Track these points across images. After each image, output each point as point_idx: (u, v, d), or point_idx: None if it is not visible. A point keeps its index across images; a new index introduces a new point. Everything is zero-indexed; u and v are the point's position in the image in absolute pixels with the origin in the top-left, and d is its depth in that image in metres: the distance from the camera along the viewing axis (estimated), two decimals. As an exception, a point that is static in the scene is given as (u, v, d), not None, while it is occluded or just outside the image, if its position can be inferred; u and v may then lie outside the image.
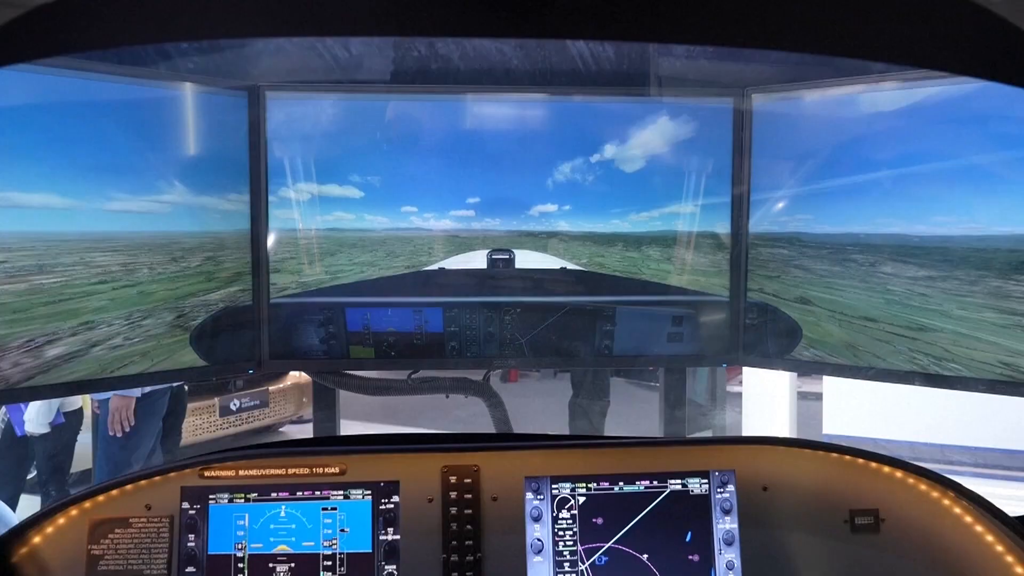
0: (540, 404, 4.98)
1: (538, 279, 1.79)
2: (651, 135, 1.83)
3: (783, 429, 4.73)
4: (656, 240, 1.86)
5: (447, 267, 1.79)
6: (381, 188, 1.77)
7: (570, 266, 1.81)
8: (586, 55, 1.75)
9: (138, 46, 1.57)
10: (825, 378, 5.24)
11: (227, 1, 0.75)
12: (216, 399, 5.19)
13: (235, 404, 5.33)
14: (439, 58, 1.74)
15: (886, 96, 1.68)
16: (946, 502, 1.27)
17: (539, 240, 1.80)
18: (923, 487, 1.28)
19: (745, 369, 5.05)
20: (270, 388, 5.55)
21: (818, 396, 5.82)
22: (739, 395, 5.60)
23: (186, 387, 3.62)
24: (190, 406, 4.47)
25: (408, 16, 0.87)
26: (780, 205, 1.82)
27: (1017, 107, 1.48)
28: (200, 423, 5.15)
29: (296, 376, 5.66)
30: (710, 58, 1.81)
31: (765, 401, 5.44)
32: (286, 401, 5.71)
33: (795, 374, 5.21)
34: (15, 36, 0.66)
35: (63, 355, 1.60)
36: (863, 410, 5.18)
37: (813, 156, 1.76)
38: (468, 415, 2.49)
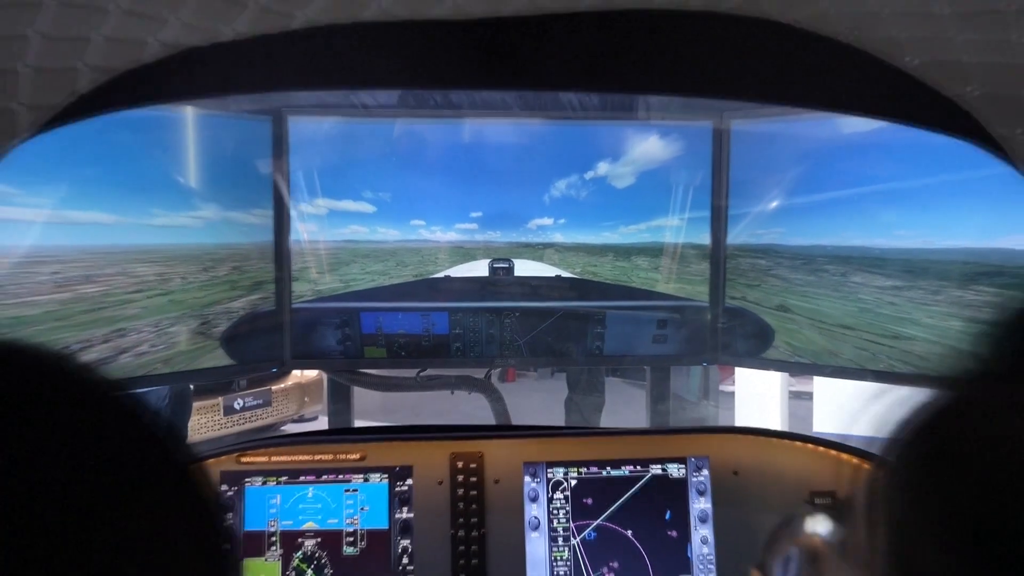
0: (538, 402, 5.15)
1: (535, 286, 1.96)
2: (639, 155, 2.00)
3: (775, 428, 4.89)
4: (644, 251, 2.03)
5: (452, 275, 1.96)
6: (392, 203, 1.94)
7: (564, 274, 1.98)
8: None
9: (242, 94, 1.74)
10: (815, 378, 5.41)
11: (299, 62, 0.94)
12: (220, 398, 5.31)
13: (239, 403, 5.46)
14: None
15: (849, 122, 1.85)
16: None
17: (536, 251, 1.97)
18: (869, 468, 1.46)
19: (738, 369, 5.21)
20: (273, 388, 5.67)
21: (810, 395, 5.99)
22: (732, 394, 5.77)
23: (191, 387, 3.71)
24: (195, 404, 4.60)
25: (429, 75, 1.06)
26: (756, 219, 2.00)
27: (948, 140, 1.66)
28: (205, 421, 5.28)
29: (298, 376, 5.80)
30: (692, 85, 1.98)
31: (757, 400, 5.61)
32: (288, 400, 5.83)
33: (788, 374, 5.38)
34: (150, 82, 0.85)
35: (93, 361, 1.76)
36: (852, 408, 5.36)
37: (785, 174, 1.94)
38: (469, 409, 2.66)
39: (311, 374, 5.81)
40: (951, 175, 1.72)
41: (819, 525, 0.93)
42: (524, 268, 1.96)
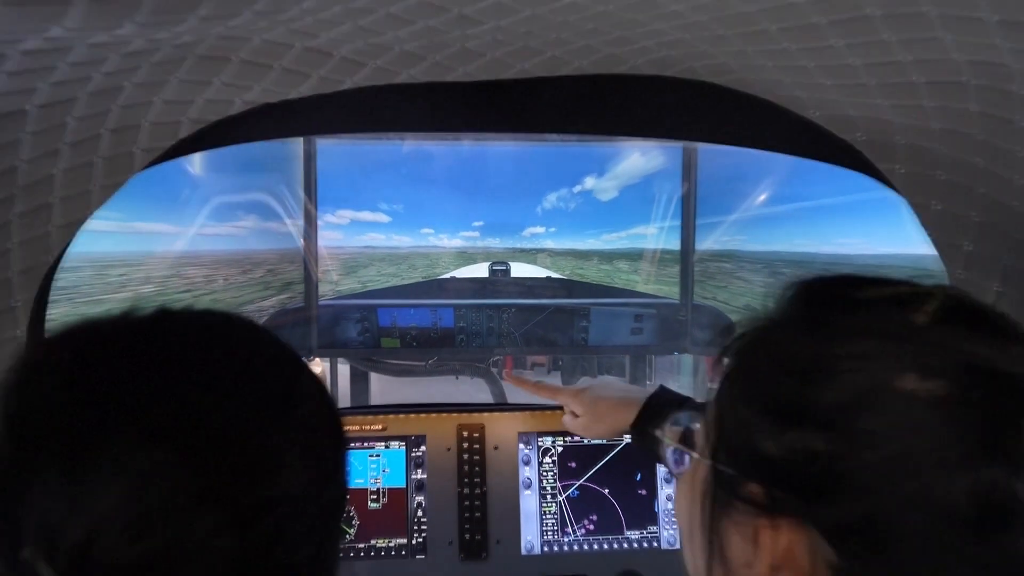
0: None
1: (529, 285, 2.26)
2: (620, 171, 2.30)
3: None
4: (624, 255, 2.32)
5: (457, 276, 2.26)
6: (405, 214, 2.23)
7: (554, 275, 2.28)
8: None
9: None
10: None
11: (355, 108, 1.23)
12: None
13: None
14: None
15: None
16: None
17: (530, 255, 2.26)
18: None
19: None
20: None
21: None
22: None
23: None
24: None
25: (445, 122, 1.37)
26: (720, 228, 2.30)
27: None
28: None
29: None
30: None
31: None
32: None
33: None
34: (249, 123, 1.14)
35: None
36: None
37: (744, 188, 2.24)
38: (472, 392, 2.97)
39: (315, 368, 6.09)
40: (882, 192, 2.02)
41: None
42: (519, 270, 2.26)
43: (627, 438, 1.80)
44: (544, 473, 1.76)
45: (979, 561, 0.48)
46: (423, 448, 1.76)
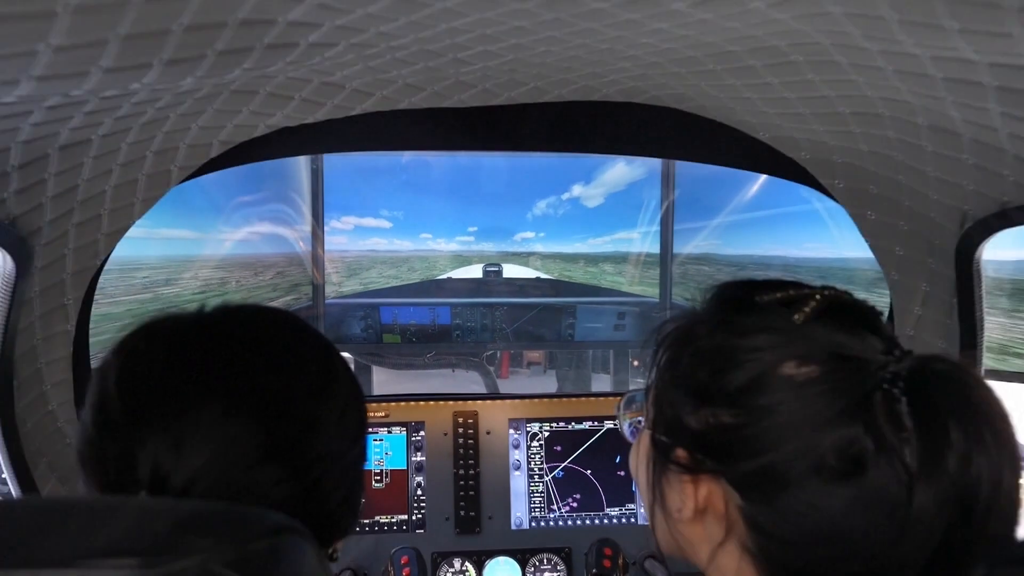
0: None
1: (520, 285, 2.44)
2: (605, 180, 2.48)
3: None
4: (609, 259, 2.51)
5: (453, 277, 2.44)
6: (405, 220, 2.41)
7: (543, 276, 2.47)
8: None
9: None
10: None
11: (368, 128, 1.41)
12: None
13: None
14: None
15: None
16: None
17: (521, 258, 2.45)
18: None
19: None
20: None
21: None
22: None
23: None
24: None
25: (441, 141, 1.56)
26: (697, 233, 2.48)
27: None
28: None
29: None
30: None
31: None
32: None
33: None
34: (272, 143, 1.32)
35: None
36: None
37: (718, 197, 2.42)
38: (466, 383, 3.13)
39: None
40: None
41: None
42: (511, 271, 2.44)
43: (608, 424, 1.98)
44: (532, 456, 1.94)
45: (842, 497, 0.66)
46: (422, 433, 1.93)
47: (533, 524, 1.89)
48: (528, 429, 1.96)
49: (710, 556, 0.74)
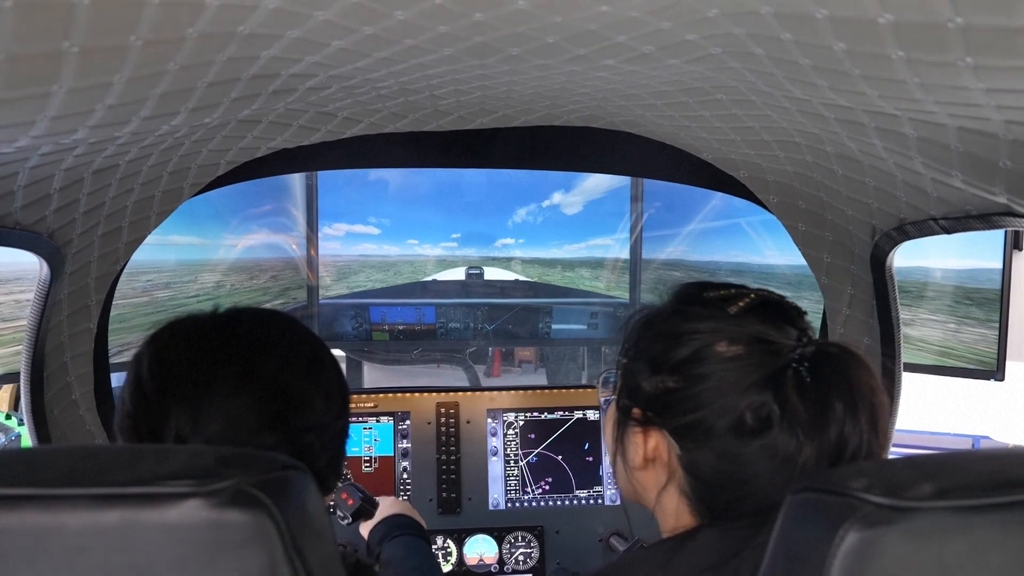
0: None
1: (500, 287, 2.63)
2: (584, 188, 2.67)
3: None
4: (584, 263, 2.70)
5: (438, 279, 2.63)
6: (392, 227, 2.59)
7: (522, 279, 2.66)
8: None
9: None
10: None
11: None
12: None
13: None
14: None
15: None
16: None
17: (501, 262, 2.63)
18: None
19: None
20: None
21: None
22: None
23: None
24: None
25: (424, 160, 1.76)
26: (666, 240, 2.68)
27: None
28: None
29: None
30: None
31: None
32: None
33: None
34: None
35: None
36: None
37: (683, 207, 2.62)
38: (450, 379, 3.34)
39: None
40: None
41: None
42: (492, 274, 2.63)
43: (577, 414, 2.17)
44: (508, 443, 2.13)
45: (752, 448, 0.85)
46: (408, 422, 2.12)
47: (509, 505, 2.08)
48: (505, 419, 2.14)
49: (656, 497, 0.94)
